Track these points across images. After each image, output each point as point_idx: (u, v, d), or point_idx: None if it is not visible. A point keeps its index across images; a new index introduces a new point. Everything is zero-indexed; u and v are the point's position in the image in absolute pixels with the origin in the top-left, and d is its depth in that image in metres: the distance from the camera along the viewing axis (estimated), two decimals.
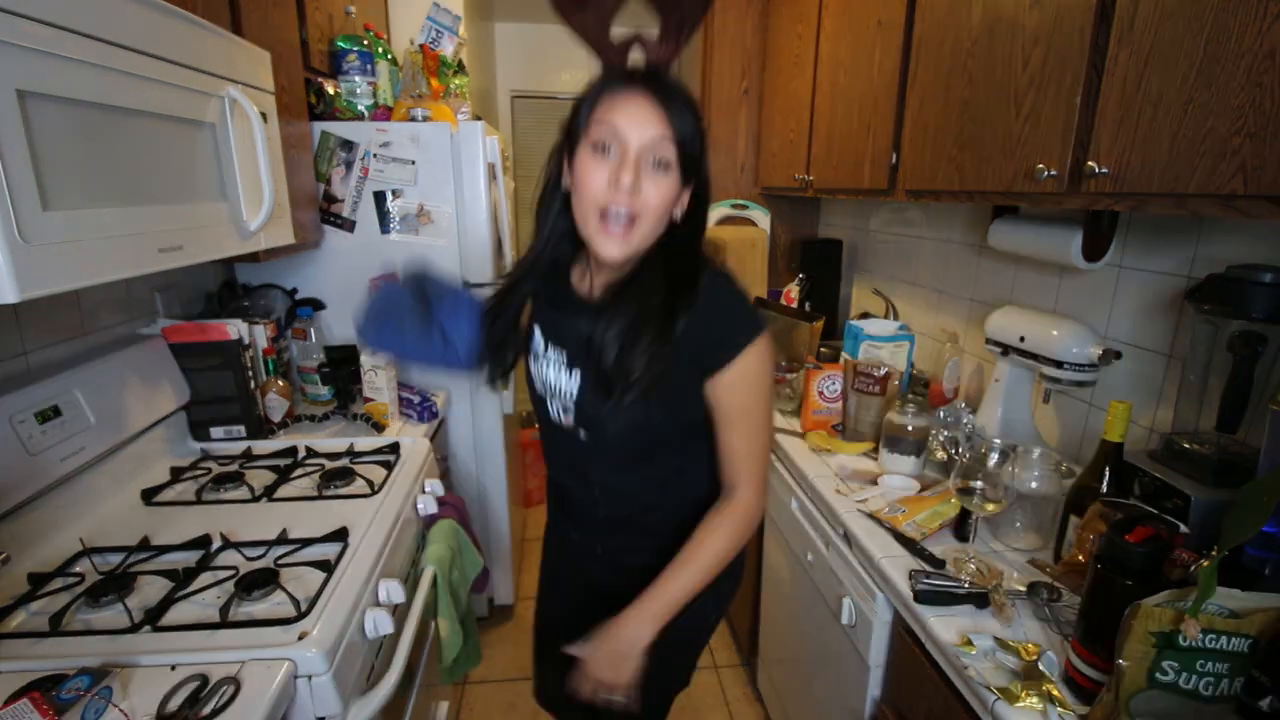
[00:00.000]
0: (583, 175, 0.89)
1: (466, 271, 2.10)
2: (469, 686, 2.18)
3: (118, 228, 0.94)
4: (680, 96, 0.88)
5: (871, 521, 1.32)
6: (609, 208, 0.88)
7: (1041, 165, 1.12)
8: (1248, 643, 0.76)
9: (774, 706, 1.92)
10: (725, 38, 2.82)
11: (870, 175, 1.83)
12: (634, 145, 0.87)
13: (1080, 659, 0.88)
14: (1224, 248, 1.18)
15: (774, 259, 3.03)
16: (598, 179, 0.88)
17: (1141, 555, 0.83)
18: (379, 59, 1.99)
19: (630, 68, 0.91)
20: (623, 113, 0.87)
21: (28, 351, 1.29)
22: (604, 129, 0.87)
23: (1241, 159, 0.82)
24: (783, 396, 1.92)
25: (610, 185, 0.87)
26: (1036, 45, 1.15)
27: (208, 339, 1.60)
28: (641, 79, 0.88)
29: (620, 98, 0.88)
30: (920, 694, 1.09)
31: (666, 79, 0.89)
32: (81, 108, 0.88)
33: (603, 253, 0.90)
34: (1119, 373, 1.39)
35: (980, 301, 1.86)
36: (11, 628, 0.98)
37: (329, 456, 1.60)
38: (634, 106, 0.87)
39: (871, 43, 1.80)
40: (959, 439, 1.50)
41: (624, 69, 0.91)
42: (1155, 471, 1.09)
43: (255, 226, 1.31)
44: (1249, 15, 0.80)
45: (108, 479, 1.36)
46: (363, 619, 1.09)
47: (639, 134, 0.86)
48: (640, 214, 0.88)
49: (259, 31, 1.51)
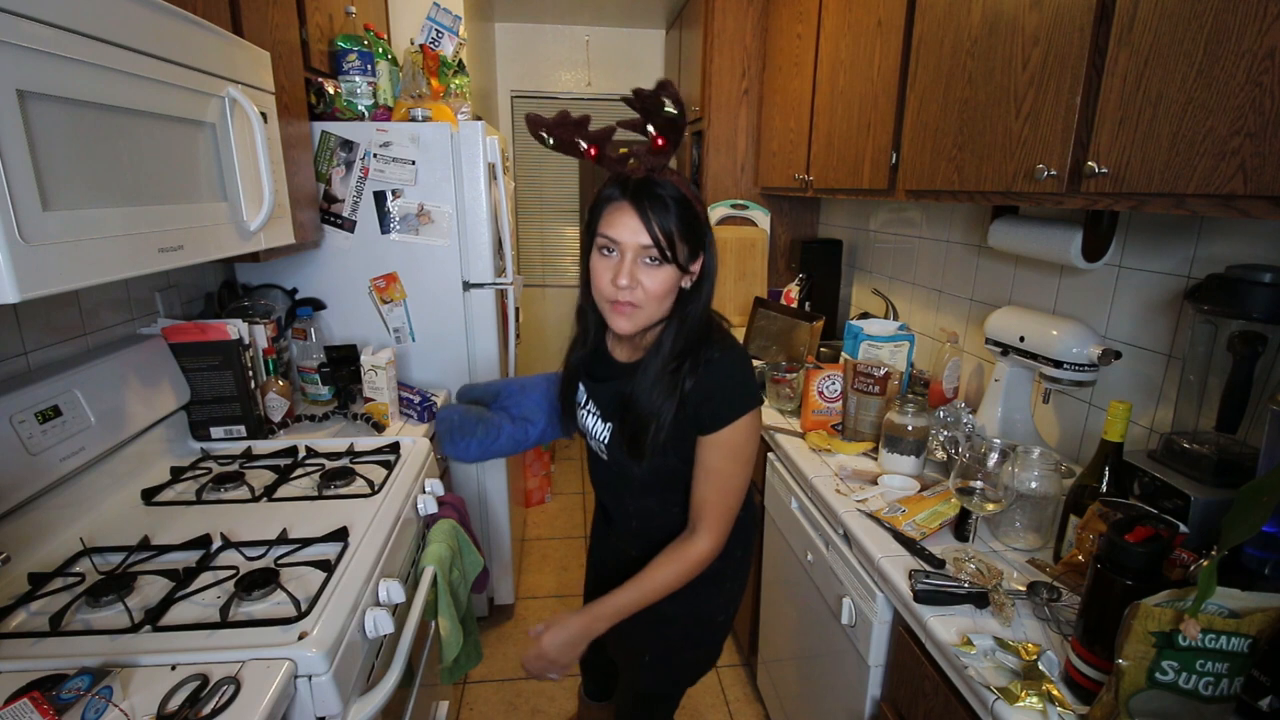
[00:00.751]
0: (594, 273, 1.07)
1: (467, 271, 2.11)
2: (469, 686, 2.18)
3: (118, 228, 0.94)
4: (666, 201, 1.00)
5: (871, 521, 1.32)
6: (615, 300, 1.04)
7: (1041, 165, 1.12)
8: (1247, 643, 0.76)
9: (774, 706, 1.92)
10: (725, 38, 2.82)
11: (870, 175, 1.83)
12: (629, 250, 1.02)
13: (1080, 659, 0.88)
14: (1224, 248, 1.18)
15: (774, 259, 3.03)
16: (604, 277, 1.05)
17: (1141, 555, 0.83)
18: (379, 59, 1.99)
19: (624, 178, 1.03)
20: (617, 224, 1.02)
21: (28, 351, 1.29)
22: (605, 238, 1.04)
23: (1241, 159, 0.82)
24: (783, 397, 1.92)
25: (613, 283, 1.03)
26: (1036, 45, 1.15)
27: (208, 339, 1.60)
28: (631, 191, 1.01)
29: (614, 209, 1.02)
30: (920, 694, 1.09)
31: (655, 187, 1.01)
32: (82, 108, 0.89)
33: (616, 328, 1.08)
34: (1119, 373, 1.39)
35: (980, 301, 1.86)
36: (12, 628, 0.98)
37: (329, 456, 1.60)
38: (626, 217, 1.01)
39: (871, 42, 1.80)
40: (959, 439, 1.50)
41: (619, 178, 1.04)
42: (1155, 471, 1.09)
43: (255, 226, 1.31)
44: (1249, 15, 0.80)
45: (108, 479, 1.36)
46: (363, 619, 1.09)
47: (631, 240, 1.01)
48: (640, 303, 1.04)
49: (259, 31, 1.51)
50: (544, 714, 2.09)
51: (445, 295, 2.11)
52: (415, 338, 2.15)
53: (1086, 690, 0.87)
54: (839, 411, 1.75)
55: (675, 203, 1.01)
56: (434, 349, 2.16)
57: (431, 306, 2.12)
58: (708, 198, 2.97)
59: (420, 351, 2.16)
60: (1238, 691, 0.79)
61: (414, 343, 2.15)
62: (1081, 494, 1.13)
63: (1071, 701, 0.87)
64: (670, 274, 1.03)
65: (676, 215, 1.01)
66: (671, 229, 1.00)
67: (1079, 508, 1.12)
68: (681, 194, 1.01)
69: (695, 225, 1.03)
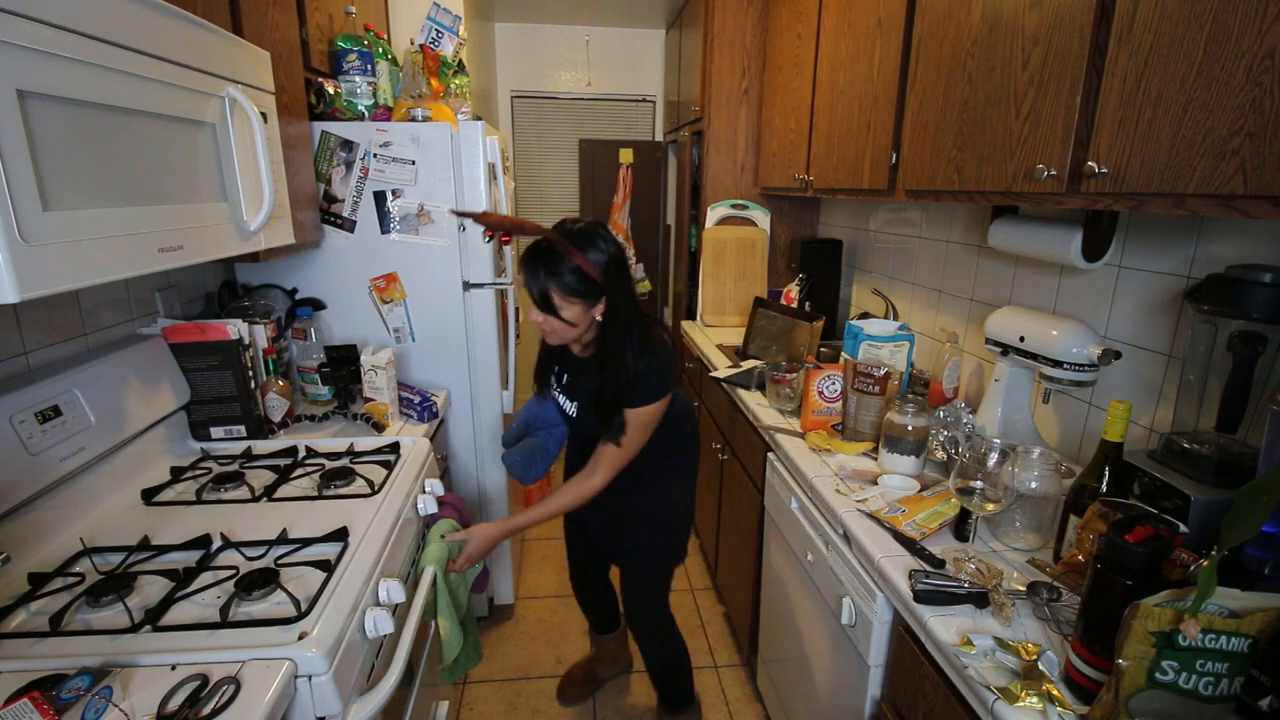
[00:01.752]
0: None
1: (467, 271, 2.11)
2: (469, 686, 2.18)
3: (118, 228, 0.94)
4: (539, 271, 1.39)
5: (871, 521, 1.32)
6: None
7: (1041, 165, 1.12)
8: (1247, 643, 0.76)
9: (774, 706, 1.92)
10: (725, 38, 2.82)
11: (870, 175, 1.83)
12: (534, 300, 1.44)
13: (1080, 659, 0.88)
14: (1224, 248, 1.18)
15: (774, 259, 3.03)
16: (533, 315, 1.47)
17: (1141, 555, 0.83)
18: (379, 59, 1.99)
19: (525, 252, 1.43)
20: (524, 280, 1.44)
21: (28, 351, 1.29)
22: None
23: (1241, 159, 0.82)
24: (783, 397, 1.92)
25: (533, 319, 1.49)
26: (1036, 45, 1.15)
27: (208, 339, 1.60)
28: (522, 262, 1.43)
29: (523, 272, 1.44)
30: (920, 694, 1.09)
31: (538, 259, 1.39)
32: (82, 108, 0.89)
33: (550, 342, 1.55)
34: (1119, 373, 1.39)
35: (980, 301, 1.86)
36: (12, 628, 0.98)
37: (329, 456, 1.60)
38: (526, 277, 1.42)
39: (871, 42, 1.80)
40: (959, 439, 1.50)
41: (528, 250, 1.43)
42: (1155, 471, 1.09)
43: (255, 226, 1.31)
44: (1249, 15, 0.80)
45: (108, 479, 1.36)
46: (363, 619, 1.09)
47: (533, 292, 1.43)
48: (551, 331, 1.48)
49: (259, 31, 1.51)
50: (544, 714, 2.09)
51: (445, 295, 2.11)
52: (415, 338, 2.15)
53: (1086, 690, 0.87)
54: (839, 411, 1.75)
55: (549, 273, 1.38)
56: (434, 349, 2.16)
57: (431, 306, 2.12)
58: (708, 197, 2.97)
59: (420, 351, 2.16)
60: (1238, 691, 0.79)
61: (414, 343, 2.15)
62: (1081, 494, 1.13)
63: (1071, 701, 0.87)
64: (571, 314, 1.42)
65: (554, 280, 1.38)
66: (547, 290, 1.39)
67: (1079, 508, 1.12)
68: (562, 266, 1.37)
69: (578, 285, 1.38)
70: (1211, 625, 0.75)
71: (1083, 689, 0.87)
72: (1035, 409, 1.57)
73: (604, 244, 1.41)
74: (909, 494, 1.43)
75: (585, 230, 1.42)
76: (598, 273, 1.40)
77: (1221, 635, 0.75)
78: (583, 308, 1.42)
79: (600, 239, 1.42)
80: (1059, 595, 1.06)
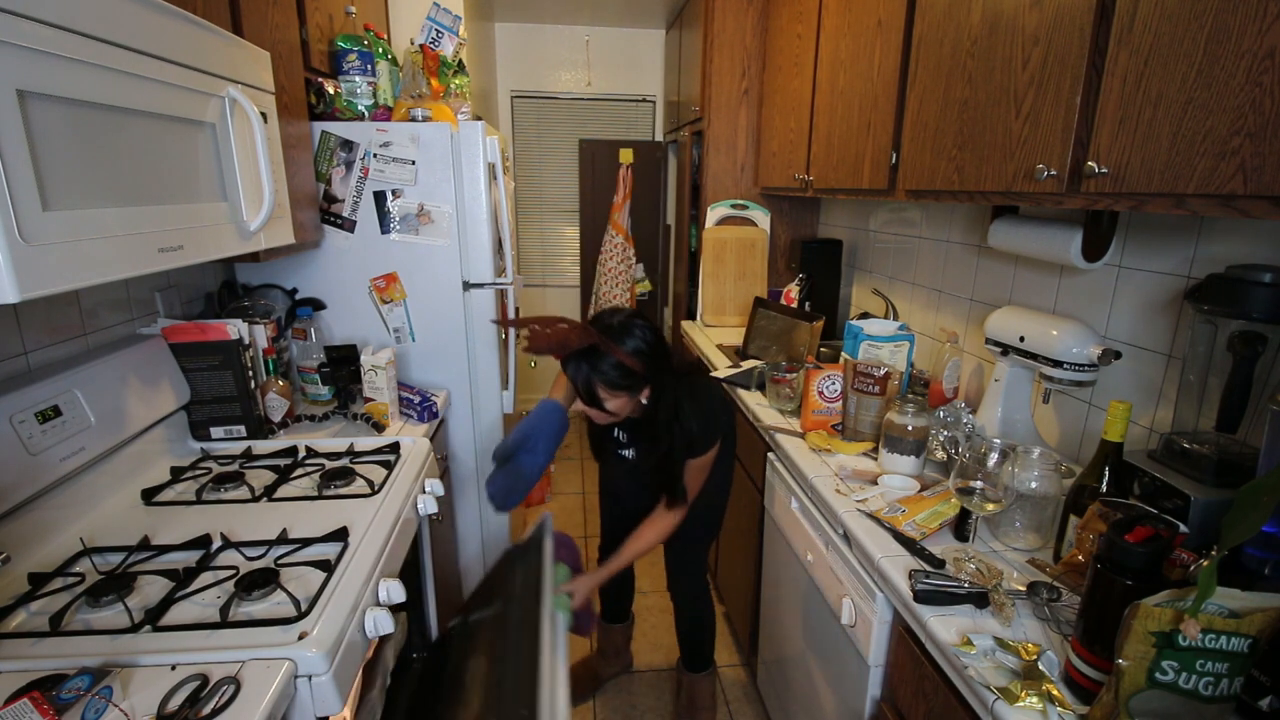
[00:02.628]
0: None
1: (467, 271, 2.11)
2: None
3: (118, 228, 0.94)
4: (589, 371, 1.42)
5: (871, 521, 1.32)
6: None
7: (1041, 165, 1.12)
8: (1247, 643, 0.76)
9: (774, 706, 1.92)
10: (725, 38, 2.82)
11: (870, 175, 1.83)
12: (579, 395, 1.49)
13: (1080, 659, 0.88)
14: (1224, 248, 1.18)
15: (774, 259, 3.03)
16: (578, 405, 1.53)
17: (1141, 555, 0.83)
18: (379, 59, 1.99)
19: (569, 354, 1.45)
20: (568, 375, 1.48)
21: (28, 351, 1.29)
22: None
23: (1241, 159, 0.82)
24: (783, 397, 1.92)
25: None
26: (1036, 45, 1.15)
27: (208, 339, 1.60)
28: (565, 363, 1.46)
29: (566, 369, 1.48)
30: (920, 694, 1.09)
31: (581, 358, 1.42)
32: (82, 108, 0.89)
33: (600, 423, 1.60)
34: (1119, 373, 1.39)
35: (980, 301, 1.86)
36: (12, 628, 0.98)
37: (329, 456, 1.60)
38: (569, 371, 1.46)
39: (871, 42, 1.80)
40: (959, 439, 1.50)
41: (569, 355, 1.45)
42: (1155, 471, 1.09)
43: (255, 226, 1.31)
44: (1249, 15, 0.80)
45: (108, 479, 1.36)
46: (363, 619, 1.09)
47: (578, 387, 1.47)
48: (601, 418, 1.53)
49: (259, 31, 1.51)
50: None
51: (445, 295, 2.11)
52: (415, 338, 2.15)
53: (1086, 690, 0.87)
54: (839, 411, 1.75)
55: (592, 368, 1.42)
56: (434, 349, 2.16)
57: (431, 306, 2.12)
58: (708, 197, 2.97)
59: (420, 351, 2.16)
60: (1238, 691, 0.79)
61: (414, 343, 2.15)
62: (1081, 494, 1.13)
63: (1071, 701, 0.87)
64: (615, 404, 1.47)
65: (597, 376, 1.42)
66: (592, 385, 1.44)
67: (1079, 508, 1.12)
68: (604, 363, 1.41)
69: (620, 380, 1.43)
70: (1211, 625, 0.75)
71: (1083, 689, 0.87)
72: (1035, 409, 1.57)
73: (640, 333, 1.46)
74: (909, 494, 1.43)
75: (623, 324, 1.46)
76: (639, 365, 1.44)
77: (1221, 635, 0.75)
78: (628, 398, 1.48)
79: (637, 329, 1.46)
80: (1059, 595, 1.06)
